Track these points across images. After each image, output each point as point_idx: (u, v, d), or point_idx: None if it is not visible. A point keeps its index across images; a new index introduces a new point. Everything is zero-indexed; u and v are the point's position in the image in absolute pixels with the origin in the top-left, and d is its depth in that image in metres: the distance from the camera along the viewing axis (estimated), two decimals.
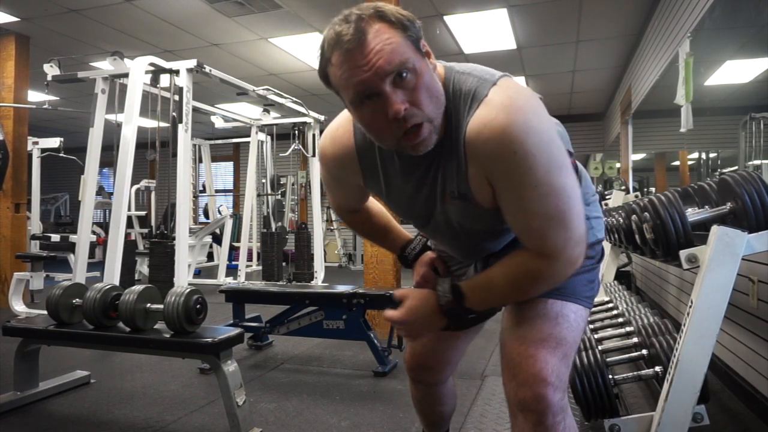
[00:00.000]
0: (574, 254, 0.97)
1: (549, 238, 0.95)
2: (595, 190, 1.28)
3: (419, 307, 1.10)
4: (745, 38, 4.74)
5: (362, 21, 0.88)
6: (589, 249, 1.13)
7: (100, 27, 5.11)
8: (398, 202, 1.14)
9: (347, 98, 0.93)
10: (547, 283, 1.02)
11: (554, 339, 1.05)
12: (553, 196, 0.92)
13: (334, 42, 0.89)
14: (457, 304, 1.06)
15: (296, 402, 2.47)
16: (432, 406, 1.51)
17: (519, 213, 0.97)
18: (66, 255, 5.25)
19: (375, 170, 1.10)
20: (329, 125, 1.17)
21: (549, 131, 0.93)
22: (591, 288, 1.17)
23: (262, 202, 6.55)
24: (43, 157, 6.53)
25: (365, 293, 3.04)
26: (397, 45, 0.88)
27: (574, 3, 4.62)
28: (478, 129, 0.92)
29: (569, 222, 0.95)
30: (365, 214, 1.36)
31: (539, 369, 1.00)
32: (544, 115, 0.95)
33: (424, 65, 0.93)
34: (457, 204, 1.03)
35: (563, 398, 1.01)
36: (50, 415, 2.34)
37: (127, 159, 3.68)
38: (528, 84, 7.14)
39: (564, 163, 0.94)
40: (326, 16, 2.99)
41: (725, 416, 2.17)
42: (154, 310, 2.23)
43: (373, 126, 0.94)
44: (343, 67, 0.89)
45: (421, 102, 0.91)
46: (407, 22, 0.91)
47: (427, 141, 0.94)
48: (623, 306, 2.61)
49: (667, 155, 8.25)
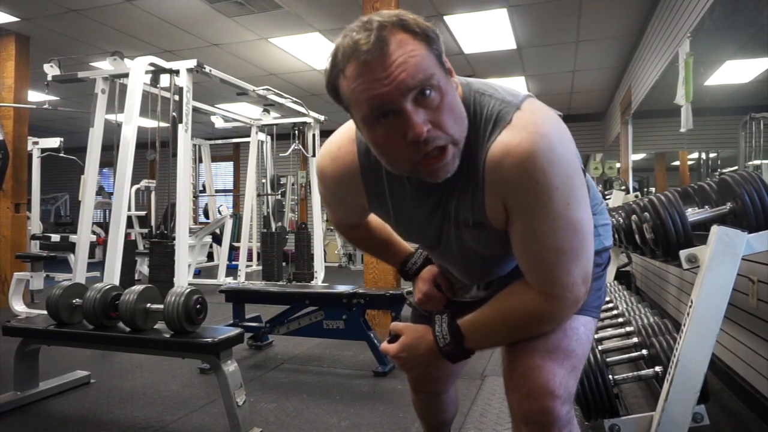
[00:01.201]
0: (580, 294, 0.93)
1: (557, 274, 0.91)
2: (602, 197, 1.24)
3: (415, 346, 1.05)
4: (745, 38, 4.74)
5: (384, 29, 0.79)
6: (597, 257, 1.09)
7: (100, 27, 5.11)
8: (407, 226, 1.08)
9: (359, 115, 0.84)
10: (550, 325, 0.99)
11: (563, 351, 1.00)
12: (569, 231, 0.88)
13: (351, 51, 0.80)
14: (457, 346, 1.01)
15: (296, 402, 2.47)
16: (434, 413, 1.49)
17: (530, 244, 0.91)
18: (66, 255, 5.25)
19: (382, 194, 1.02)
20: (327, 143, 1.07)
21: (573, 163, 0.88)
22: (599, 297, 1.14)
23: (262, 202, 6.54)
24: (43, 157, 6.52)
25: (365, 293, 3.04)
26: (422, 58, 0.80)
27: (574, 3, 4.62)
28: (500, 155, 0.86)
29: (579, 259, 0.91)
30: (365, 228, 1.29)
31: (546, 380, 0.95)
32: (569, 142, 0.88)
33: (449, 83, 0.85)
34: (472, 231, 0.98)
35: (570, 411, 0.97)
36: (50, 415, 2.34)
37: (127, 159, 3.68)
38: (528, 84, 7.15)
39: (584, 197, 0.90)
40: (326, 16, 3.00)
41: (725, 416, 2.17)
42: (154, 310, 2.23)
43: (388, 148, 0.86)
44: (359, 80, 0.80)
45: (444, 124, 0.83)
46: (432, 34, 0.83)
47: (449, 166, 0.86)
48: (623, 306, 2.61)
49: (667, 155, 8.26)
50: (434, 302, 1.24)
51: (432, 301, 1.24)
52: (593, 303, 1.10)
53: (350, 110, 0.87)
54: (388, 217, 1.09)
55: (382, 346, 1.12)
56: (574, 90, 7.48)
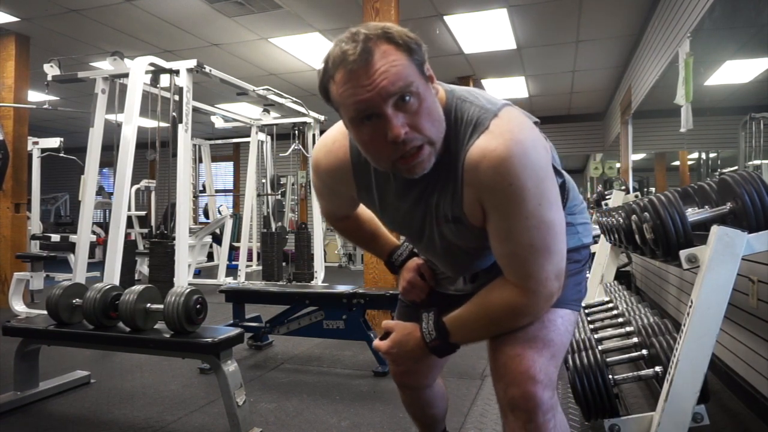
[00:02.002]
0: (553, 288, 1.00)
1: (531, 269, 0.98)
2: (582, 198, 1.32)
3: (404, 342, 1.14)
4: (745, 38, 4.74)
5: (369, 41, 0.88)
6: (575, 253, 1.19)
7: (100, 27, 5.11)
8: (392, 218, 1.16)
9: (347, 116, 0.94)
10: (528, 317, 1.05)
11: (541, 340, 1.06)
12: (542, 229, 0.95)
13: (339, 60, 0.89)
14: (442, 341, 1.09)
15: (296, 402, 2.47)
16: (422, 409, 1.52)
17: (506, 241, 0.99)
18: (66, 255, 5.25)
19: (370, 186, 1.12)
20: (323, 137, 1.18)
21: (545, 167, 0.96)
22: (578, 291, 1.21)
23: (262, 202, 6.54)
24: (43, 157, 6.53)
25: (365, 293, 3.04)
26: (403, 67, 0.89)
27: (574, 3, 4.62)
28: (477, 158, 0.94)
29: (552, 255, 0.98)
30: (355, 220, 1.38)
31: (527, 367, 1.02)
32: (541, 148, 0.96)
33: (428, 90, 0.94)
34: (451, 226, 1.05)
35: (552, 396, 1.03)
36: (50, 415, 2.34)
37: (127, 159, 3.68)
38: (528, 84, 7.15)
39: (555, 199, 0.98)
40: (326, 16, 3.00)
41: (725, 416, 2.17)
42: (154, 310, 2.23)
43: (371, 146, 0.95)
44: (346, 86, 0.89)
45: (421, 126, 0.92)
46: (414, 46, 0.91)
47: (424, 163, 0.95)
48: (623, 306, 2.61)
49: (667, 155, 8.26)
50: (417, 290, 1.32)
51: (415, 290, 1.32)
52: (572, 297, 1.17)
53: (339, 111, 0.96)
54: (375, 208, 1.17)
55: (374, 343, 1.21)
56: (574, 90, 7.48)
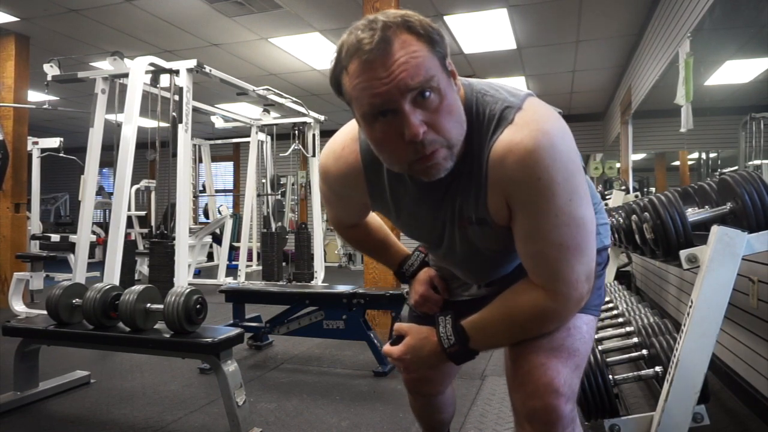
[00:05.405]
0: (584, 291, 0.94)
1: (561, 270, 0.91)
2: (600, 197, 1.25)
3: (419, 347, 1.05)
4: (745, 38, 4.74)
5: (388, 29, 0.80)
6: (597, 256, 1.07)
7: (100, 27, 5.11)
8: (409, 224, 1.08)
9: (359, 111, 0.85)
10: (555, 323, 0.98)
11: (567, 349, 1.00)
12: (572, 226, 0.88)
13: (354, 49, 0.81)
14: (461, 347, 1.00)
15: (296, 402, 2.47)
16: (432, 414, 1.48)
17: (534, 240, 0.92)
18: (66, 255, 5.24)
19: (383, 191, 1.04)
20: (330, 142, 1.09)
21: (575, 160, 0.88)
22: (599, 295, 1.14)
23: (262, 202, 6.54)
24: (43, 157, 6.52)
25: (365, 293, 3.04)
26: (424, 59, 0.81)
27: (574, 3, 4.62)
28: (502, 153, 0.87)
29: (583, 255, 0.91)
30: (364, 229, 1.29)
31: (551, 378, 0.96)
32: (570, 140, 0.89)
33: (449, 86, 0.85)
34: (475, 228, 0.98)
35: (573, 410, 0.97)
36: (50, 415, 2.34)
37: (127, 159, 3.67)
38: (528, 84, 7.14)
39: (586, 194, 0.91)
40: (326, 16, 2.99)
41: (725, 416, 2.17)
42: (154, 310, 2.23)
43: (385, 146, 0.87)
44: (361, 77, 0.81)
45: (441, 126, 0.84)
46: (436, 37, 0.83)
47: (440, 166, 0.87)
48: (623, 306, 2.61)
49: (667, 155, 8.25)
50: (431, 304, 1.25)
51: (429, 303, 1.25)
52: (594, 302, 1.10)
53: (351, 106, 0.87)
54: (390, 215, 1.09)
55: (384, 349, 1.11)
56: (574, 90, 7.48)
